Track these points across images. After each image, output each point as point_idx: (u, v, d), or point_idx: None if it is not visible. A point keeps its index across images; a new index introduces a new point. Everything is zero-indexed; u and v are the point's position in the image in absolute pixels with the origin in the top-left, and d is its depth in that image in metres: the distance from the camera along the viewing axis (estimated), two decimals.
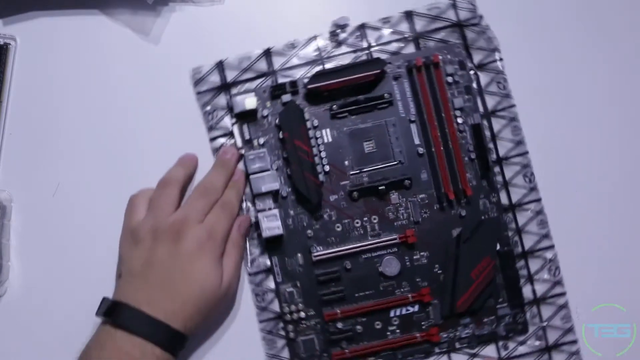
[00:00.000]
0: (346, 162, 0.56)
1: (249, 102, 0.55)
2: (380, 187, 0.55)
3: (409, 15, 0.57)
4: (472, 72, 0.57)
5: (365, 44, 0.57)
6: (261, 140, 0.56)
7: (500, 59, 0.57)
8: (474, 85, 0.57)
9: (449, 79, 0.57)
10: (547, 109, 0.58)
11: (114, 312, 0.50)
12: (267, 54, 0.57)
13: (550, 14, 0.59)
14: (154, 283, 0.51)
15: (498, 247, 0.56)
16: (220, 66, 0.57)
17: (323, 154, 0.56)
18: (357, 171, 0.56)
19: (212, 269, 0.51)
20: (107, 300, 0.51)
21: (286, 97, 0.56)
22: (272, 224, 0.55)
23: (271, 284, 0.56)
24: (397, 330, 0.56)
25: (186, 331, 0.50)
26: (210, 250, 0.52)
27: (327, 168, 0.56)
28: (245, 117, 0.56)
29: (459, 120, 0.56)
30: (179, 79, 0.57)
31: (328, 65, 0.57)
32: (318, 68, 0.57)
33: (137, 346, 0.48)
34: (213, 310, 0.52)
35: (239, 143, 0.56)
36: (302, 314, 0.56)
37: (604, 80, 0.58)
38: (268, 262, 0.56)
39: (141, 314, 0.49)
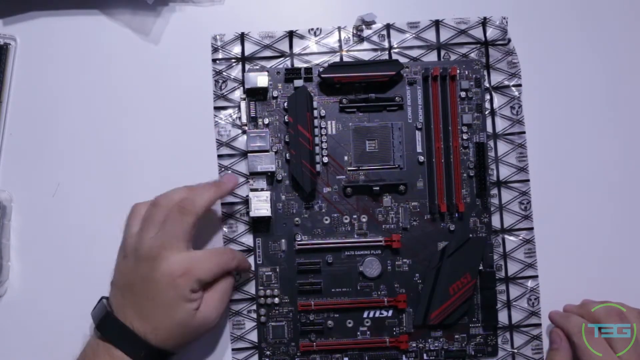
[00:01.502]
0: (345, 157, 0.56)
1: (261, 79, 0.55)
2: (374, 188, 0.55)
3: (436, 24, 0.57)
4: (487, 91, 0.57)
5: (387, 44, 0.57)
6: (266, 121, 0.56)
7: (519, 85, 0.57)
8: (486, 104, 0.57)
9: (462, 94, 0.56)
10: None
11: (102, 323, 0.50)
12: (290, 35, 0.57)
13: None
14: (132, 302, 0.50)
15: (481, 267, 0.55)
16: (241, 38, 0.57)
17: (324, 145, 0.56)
18: (355, 168, 0.56)
19: (182, 305, 0.50)
20: (102, 305, 0.51)
21: (298, 82, 0.56)
22: (261, 205, 0.55)
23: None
24: (368, 332, 0.56)
25: (165, 347, 0.50)
26: (182, 287, 0.50)
27: (325, 159, 0.56)
28: (255, 95, 0.56)
29: (465, 136, 0.56)
30: (179, 78, 0.57)
31: (346, 59, 0.57)
32: (336, 59, 0.57)
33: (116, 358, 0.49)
34: (190, 335, 0.51)
35: (244, 119, 0.56)
36: (277, 300, 0.56)
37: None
38: (251, 242, 0.56)
39: (125, 329, 0.49)
